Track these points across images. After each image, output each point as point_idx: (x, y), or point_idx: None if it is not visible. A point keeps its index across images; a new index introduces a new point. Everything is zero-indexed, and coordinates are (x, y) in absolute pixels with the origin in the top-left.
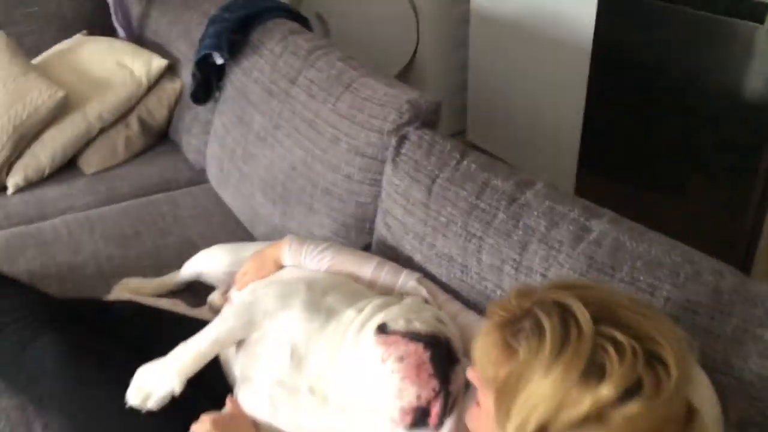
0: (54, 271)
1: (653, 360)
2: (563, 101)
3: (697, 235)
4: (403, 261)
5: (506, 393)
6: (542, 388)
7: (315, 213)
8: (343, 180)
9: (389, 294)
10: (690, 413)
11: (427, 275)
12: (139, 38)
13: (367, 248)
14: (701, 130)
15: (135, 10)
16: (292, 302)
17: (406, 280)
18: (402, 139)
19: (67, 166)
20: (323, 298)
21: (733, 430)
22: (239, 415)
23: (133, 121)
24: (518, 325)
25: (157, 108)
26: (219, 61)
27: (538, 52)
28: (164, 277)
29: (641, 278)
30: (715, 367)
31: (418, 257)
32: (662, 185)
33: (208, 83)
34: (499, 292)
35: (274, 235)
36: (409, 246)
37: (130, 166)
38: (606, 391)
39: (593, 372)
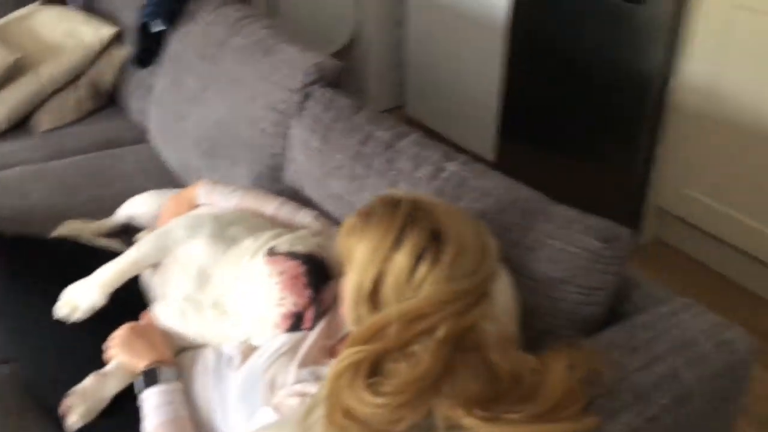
0: (5, 214)
1: (438, 238)
2: (484, 76)
3: (598, 191)
4: (305, 201)
5: (347, 258)
6: (363, 252)
7: (236, 165)
8: (260, 134)
9: (288, 228)
10: (483, 296)
11: (323, 213)
12: (90, 8)
13: (280, 194)
14: (600, 99)
15: None
16: (199, 231)
17: (304, 216)
18: (306, 96)
19: (22, 124)
20: (227, 228)
21: None
22: (152, 325)
23: (83, 84)
24: (366, 213)
25: (105, 72)
26: (156, 28)
27: (464, 31)
28: (103, 220)
29: (474, 206)
30: (518, 269)
31: (315, 197)
32: (571, 149)
33: (150, 49)
34: None
35: None
36: (308, 188)
37: (79, 126)
38: (401, 257)
39: (397, 244)
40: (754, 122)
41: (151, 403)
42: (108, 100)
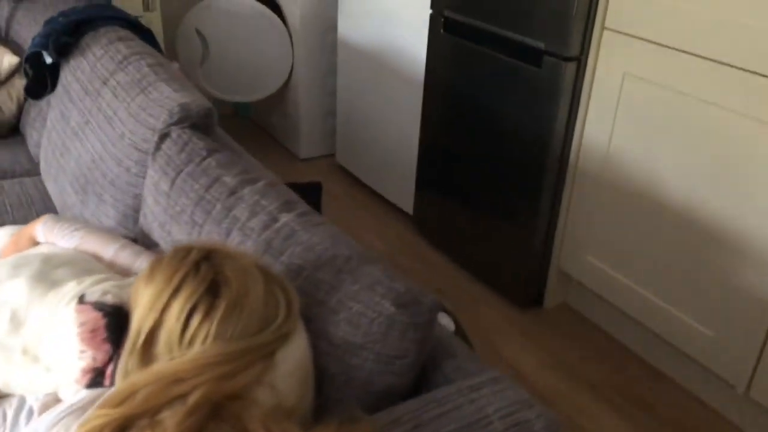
0: None
1: (216, 292)
2: (405, 129)
3: (506, 248)
4: (153, 246)
5: (133, 305)
6: (145, 299)
7: (104, 203)
8: (125, 173)
9: (127, 274)
10: (262, 359)
11: None
12: (5, 37)
13: (135, 237)
14: (505, 156)
15: (5, 11)
16: (21, 272)
17: (142, 262)
18: (163, 137)
19: None
20: (54, 270)
21: None
22: None
23: None
24: (158, 259)
25: (6, 102)
26: (48, 60)
27: (387, 83)
28: None
29: (295, 261)
30: (318, 332)
31: (162, 243)
32: (480, 205)
33: (43, 80)
34: None
35: None
36: (156, 233)
37: None
38: (176, 307)
39: (175, 293)
40: (645, 191)
41: None
42: (11, 130)
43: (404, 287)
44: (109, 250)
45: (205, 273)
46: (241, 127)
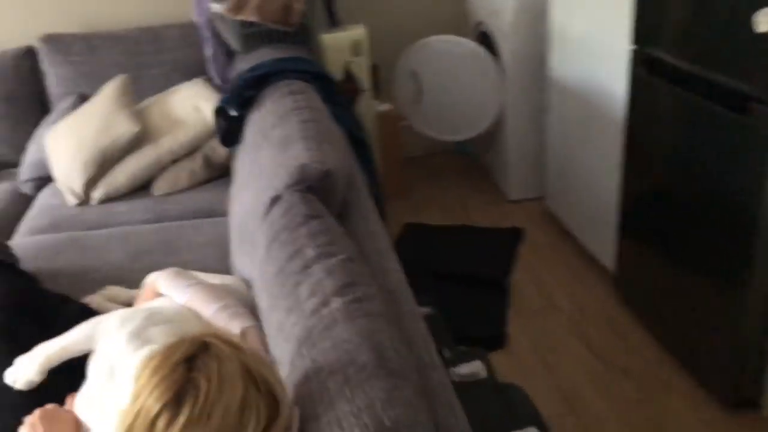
0: (73, 271)
1: (180, 399)
2: (606, 172)
3: (710, 315)
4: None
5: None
6: (135, 388)
7: (245, 255)
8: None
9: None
10: None
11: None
12: (224, 84)
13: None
14: (710, 211)
15: (220, 59)
16: (125, 326)
17: (235, 326)
18: (276, 199)
19: (144, 188)
20: (152, 327)
21: None
22: (66, 412)
23: (198, 156)
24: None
25: (218, 147)
26: (232, 113)
27: (589, 123)
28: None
29: (319, 360)
30: None
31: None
32: (685, 265)
33: (232, 130)
34: None
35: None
36: (258, 296)
37: (189, 193)
38: (149, 404)
39: (153, 389)
40: None
41: None
42: (222, 171)
43: (393, 420)
44: (210, 309)
45: (177, 377)
46: (460, 165)
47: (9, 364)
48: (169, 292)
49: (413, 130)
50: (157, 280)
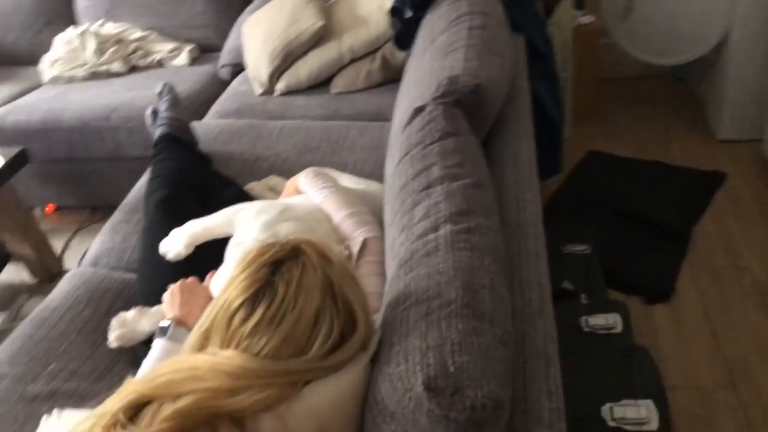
0: (243, 157)
1: (261, 295)
2: None
3: None
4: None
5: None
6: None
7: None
8: None
9: (346, 240)
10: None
11: None
12: None
13: None
14: None
15: None
16: (260, 217)
17: (358, 234)
18: (418, 111)
19: (323, 84)
20: (283, 223)
21: None
22: (203, 288)
23: (377, 57)
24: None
25: (397, 49)
26: (406, 15)
27: None
28: None
29: (411, 287)
30: (372, 380)
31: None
32: None
33: (408, 33)
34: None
35: None
36: (384, 210)
37: (363, 94)
38: (232, 295)
39: (241, 281)
40: None
41: (154, 351)
42: (399, 74)
43: (458, 366)
44: (339, 214)
45: (260, 277)
46: (672, 92)
47: (165, 234)
48: (307, 190)
49: (617, 48)
50: (298, 178)
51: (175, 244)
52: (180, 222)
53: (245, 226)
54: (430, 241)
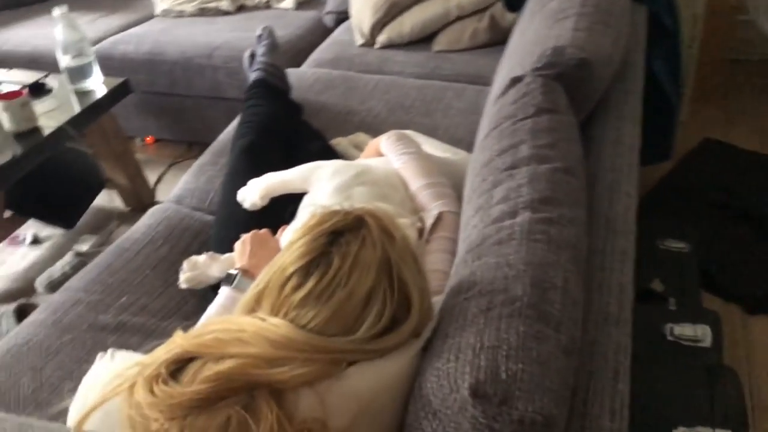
0: (334, 110)
1: (316, 264)
2: None
3: None
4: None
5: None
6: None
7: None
8: None
9: (421, 211)
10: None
11: None
12: None
13: None
14: None
15: None
16: (335, 178)
17: (434, 207)
18: (515, 81)
19: (425, 40)
20: (356, 187)
21: None
22: (275, 241)
23: (485, 16)
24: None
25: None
26: None
27: None
28: None
29: (476, 275)
30: (419, 370)
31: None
32: None
33: None
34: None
35: None
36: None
37: (465, 54)
38: (285, 266)
39: (298, 247)
40: None
41: (219, 297)
42: (505, 37)
43: (511, 374)
44: (416, 183)
45: (317, 246)
46: None
47: (246, 180)
48: (387, 153)
49: (753, 27)
50: (381, 139)
51: (252, 193)
52: (262, 170)
53: (319, 186)
54: (505, 228)
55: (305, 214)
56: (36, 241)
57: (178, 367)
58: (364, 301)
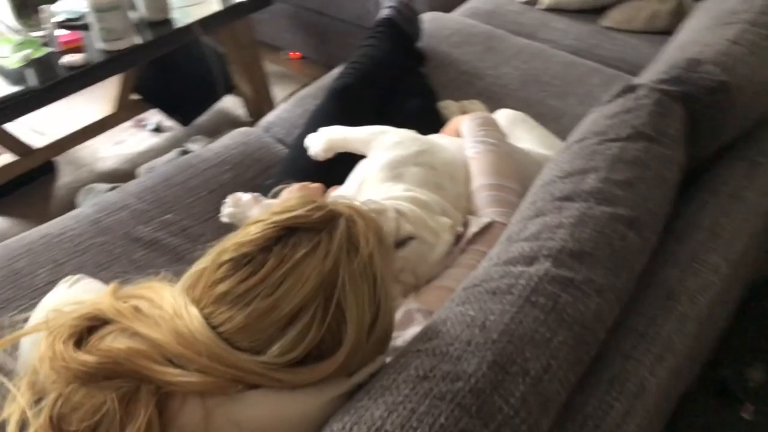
0: (461, 68)
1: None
2: None
3: None
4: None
5: None
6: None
7: None
8: None
9: (473, 213)
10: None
11: None
12: None
13: None
14: None
15: None
16: (393, 150)
17: (488, 214)
18: (626, 90)
19: (594, 12)
20: (411, 167)
21: None
22: (321, 194)
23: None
24: None
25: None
26: None
27: None
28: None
29: (478, 323)
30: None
31: None
32: None
33: None
34: None
35: None
36: None
37: (633, 37)
38: (231, 241)
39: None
40: None
41: None
42: None
43: None
44: (480, 180)
45: (263, 237)
46: None
47: (329, 124)
48: (465, 137)
49: None
50: (464, 119)
51: (317, 143)
52: (346, 119)
53: (376, 154)
54: (511, 275)
55: (353, 179)
56: (158, 129)
57: (94, 325)
58: (286, 321)
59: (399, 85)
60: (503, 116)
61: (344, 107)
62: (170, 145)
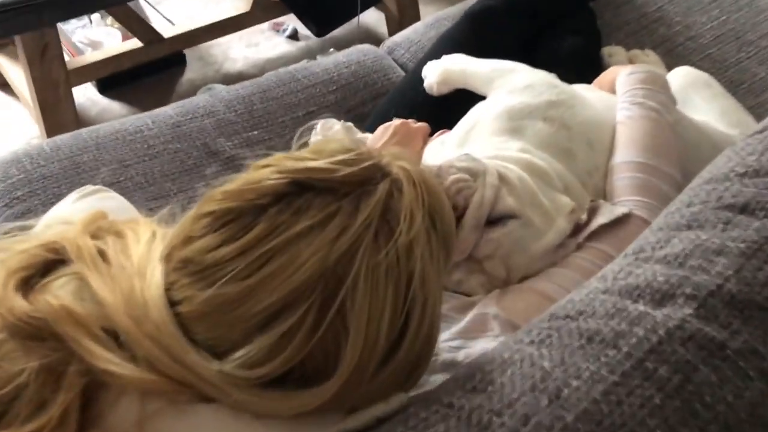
0: (668, 13)
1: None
2: None
3: None
4: None
5: None
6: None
7: None
8: None
9: (606, 198)
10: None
11: None
12: None
13: None
14: None
15: None
16: (517, 96)
17: (625, 203)
18: None
19: None
20: (539, 121)
21: None
22: (421, 140)
23: None
24: None
25: None
26: None
27: None
28: None
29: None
30: None
31: None
32: None
33: None
34: None
35: None
36: None
37: None
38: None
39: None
40: None
41: None
42: None
43: None
44: (625, 155)
45: (259, 192)
46: None
47: (468, 51)
48: (618, 95)
49: None
50: (623, 70)
51: (432, 74)
52: (481, 48)
53: (496, 97)
54: (622, 316)
55: (463, 125)
56: (294, 36)
57: (57, 260)
58: (261, 320)
59: (557, 17)
60: (681, 75)
61: (479, 35)
62: (302, 55)
